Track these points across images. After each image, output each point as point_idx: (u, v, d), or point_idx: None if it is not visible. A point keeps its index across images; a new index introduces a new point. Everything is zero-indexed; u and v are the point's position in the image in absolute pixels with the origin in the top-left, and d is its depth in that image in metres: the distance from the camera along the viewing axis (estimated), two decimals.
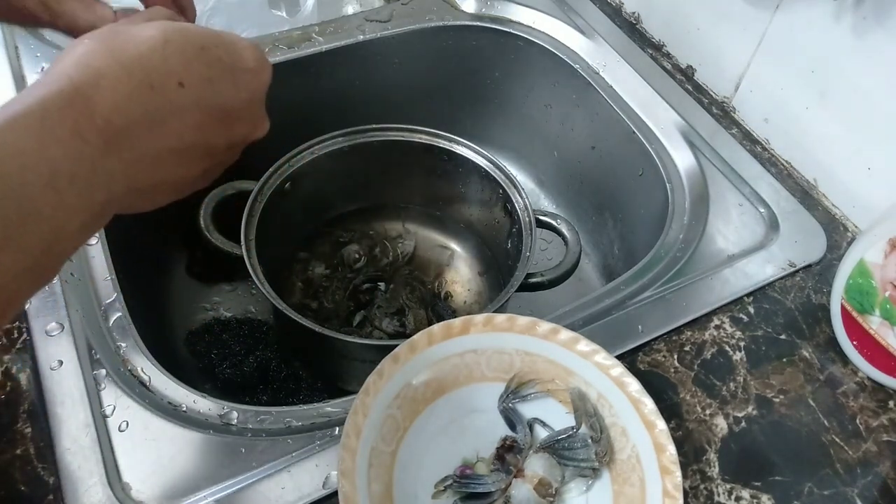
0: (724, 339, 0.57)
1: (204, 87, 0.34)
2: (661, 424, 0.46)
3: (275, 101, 0.42)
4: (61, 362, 0.49)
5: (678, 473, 0.44)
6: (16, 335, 0.51)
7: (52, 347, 0.50)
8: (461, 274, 0.80)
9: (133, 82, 0.32)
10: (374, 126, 0.72)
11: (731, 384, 0.54)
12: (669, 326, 0.56)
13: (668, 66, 0.79)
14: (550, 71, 0.83)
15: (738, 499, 0.48)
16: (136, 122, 0.32)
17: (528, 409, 0.50)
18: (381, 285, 0.76)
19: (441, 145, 0.72)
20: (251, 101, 0.37)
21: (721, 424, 0.52)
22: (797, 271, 0.62)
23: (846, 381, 0.55)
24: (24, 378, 0.49)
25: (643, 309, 0.57)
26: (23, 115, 0.28)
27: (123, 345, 0.52)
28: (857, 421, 0.53)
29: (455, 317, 0.50)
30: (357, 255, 0.78)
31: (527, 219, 0.66)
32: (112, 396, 0.48)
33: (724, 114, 0.75)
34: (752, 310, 0.59)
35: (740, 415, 0.52)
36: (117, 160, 0.31)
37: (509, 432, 0.49)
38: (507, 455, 0.47)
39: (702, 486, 0.49)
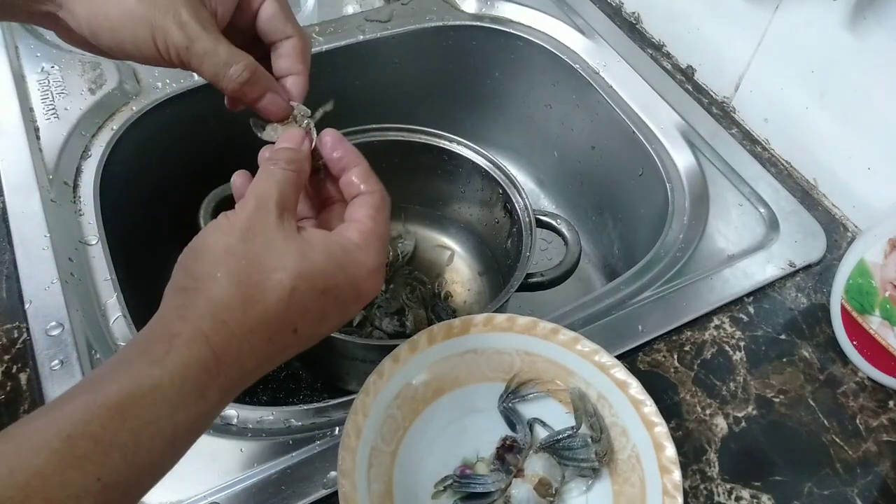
0: (724, 339, 0.57)
1: (315, 327, 0.35)
2: (661, 424, 0.46)
3: None
4: (61, 362, 0.49)
5: (678, 473, 0.44)
6: (16, 335, 0.51)
7: (52, 347, 0.50)
8: (461, 274, 0.80)
9: (256, 339, 0.33)
10: (374, 126, 0.72)
11: (731, 384, 0.54)
12: (669, 326, 0.56)
13: (668, 66, 0.79)
14: (550, 71, 0.82)
15: (738, 499, 0.48)
16: (249, 372, 0.33)
17: (528, 409, 0.50)
18: (382, 285, 0.76)
19: (441, 145, 0.72)
20: (356, 314, 0.38)
21: (721, 424, 0.52)
22: (797, 271, 0.62)
23: (846, 381, 0.55)
24: (24, 378, 0.49)
25: (643, 309, 0.57)
26: (167, 383, 0.30)
27: (123, 345, 0.52)
28: (857, 421, 0.53)
29: (455, 317, 0.50)
30: None
31: (527, 219, 0.66)
32: None
33: (724, 114, 0.75)
34: (752, 310, 0.59)
35: (740, 415, 0.52)
36: (225, 403, 0.33)
37: (509, 432, 0.49)
38: (507, 455, 0.47)
39: (702, 486, 0.49)
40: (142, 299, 0.64)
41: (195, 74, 0.74)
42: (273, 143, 0.41)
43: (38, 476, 0.26)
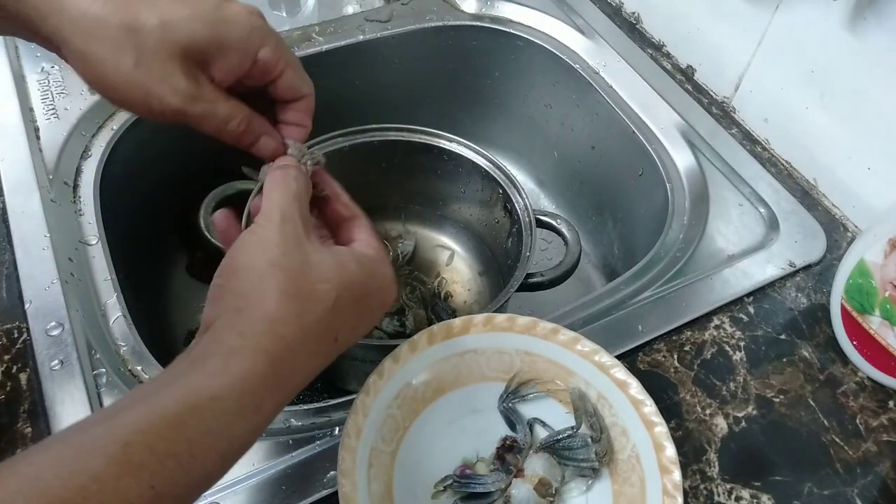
0: (724, 339, 0.57)
1: (349, 334, 0.37)
2: (661, 424, 0.46)
3: None
4: (61, 362, 0.49)
5: (678, 473, 0.44)
6: (16, 335, 0.51)
7: (52, 347, 0.50)
8: (461, 274, 0.80)
9: (307, 350, 0.34)
10: (374, 126, 0.72)
11: (731, 384, 0.54)
12: (669, 326, 0.56)
13: (668, 66, 0.79)
14: (550, 71, 0.82)
15: (738, 499, 0.48)
16: (298, 384, 0.34)
17: (528, 409, 0.50)
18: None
19: (441, 145, 0.72)
20: (377, 323, 0.39)
21: (721, 424, 0.52)
22: (797, 271, 0.62)
23: (846, 381, 0.55)
24: (24, 378, 0.49)
25: (643, 309, 0.57)
26: (226, 395, 0.31)
27: (123, 345, 0.52)
28: (857, 421, 0.53)
29: (455, 317, 0.50)
30: None
31: (527, 219, 0.66)
32: (112, 396, 0.48)
33: (724, 114, 0.75)
34: (752, 310, 0.59)
35: (740, 415, 0.52)
36: (273, 418, 0.34)
37: (509, 432, 0.49)
38: (507, 455, 0.47)
39: (702, 486, 0.49)
40: (142, 299, 0.64)
41: None
42: None
43: (95, 480, 0.27)
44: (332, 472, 0.46)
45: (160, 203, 0.73)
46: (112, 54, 0.36)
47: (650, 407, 0.46)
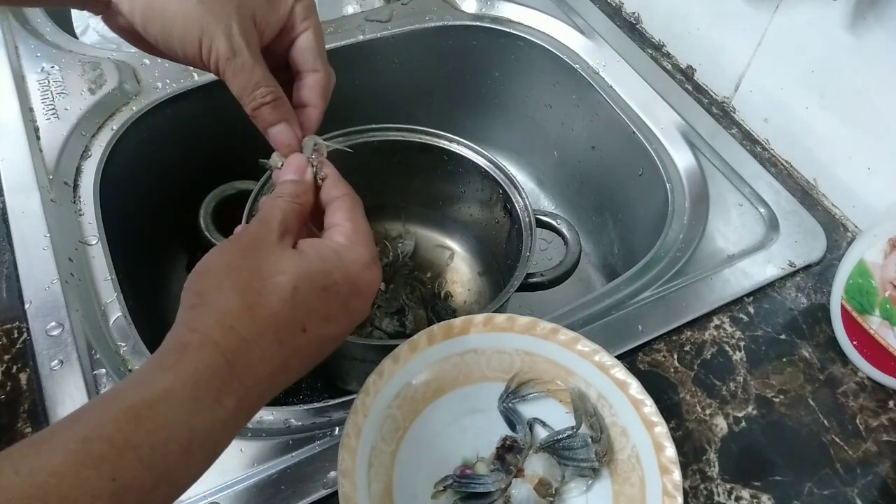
0: (724, 339, 0.57)
1: (322, 326, 0.36)
2: (661, 424, 0.46)
3: None
4: (61, 362, 0.49)
5: (678, 473, 0.44)
6: (16, 335, 0.51)
7: (52, 347, 0.50)
8: (461, 274, 0.80)
9: (266, 342, 0.34)
10: (374, 126, 0.72)
11: (731, 384, 0.54)
12: (669, 326, 0.56)
13: (668, 66, 0.79)
14: (550, 71, 0.82)
15: (738, 499, 0.48)
16: (264, 379, 0.34)
17: (528, 409, 0.50)
18: (382, 285, 0.75)
19: (441, 145, 0.72)
20: (363, 312, 0.39)
21: (721, 424, 0.52)
22: (797, 271, 0.62)
23: (846, 381, 0.55)
24: (24, 378, 0.49)
25: (643, 309, 0.57)
26: (179, 387, 0.31)
27: (123, 345, 0.52)
28: (857, 421, 0.53)
29: (455, 317, 0.50)
30: None
31: (527, 219, 0.66)
32: None
33: (724, 114, 0.75)
34: (752, 310, 0.59)
35: (740, 415, 0.52)
36: (244, 413, 0.34)
37: (509, 432, 0.49)
38: (507, 455, 0.47)
39: (702, 486, 0.49)
40: (142, 299, 0.64)
41: (195, 74, 0.74)
42: (278, 168, 0.42)
43: (54, 475, 0.27)
44: (332, 472, 0.46)
45: (160, 203, 0.73)
46: None
47: (650, 407, 0.47)
